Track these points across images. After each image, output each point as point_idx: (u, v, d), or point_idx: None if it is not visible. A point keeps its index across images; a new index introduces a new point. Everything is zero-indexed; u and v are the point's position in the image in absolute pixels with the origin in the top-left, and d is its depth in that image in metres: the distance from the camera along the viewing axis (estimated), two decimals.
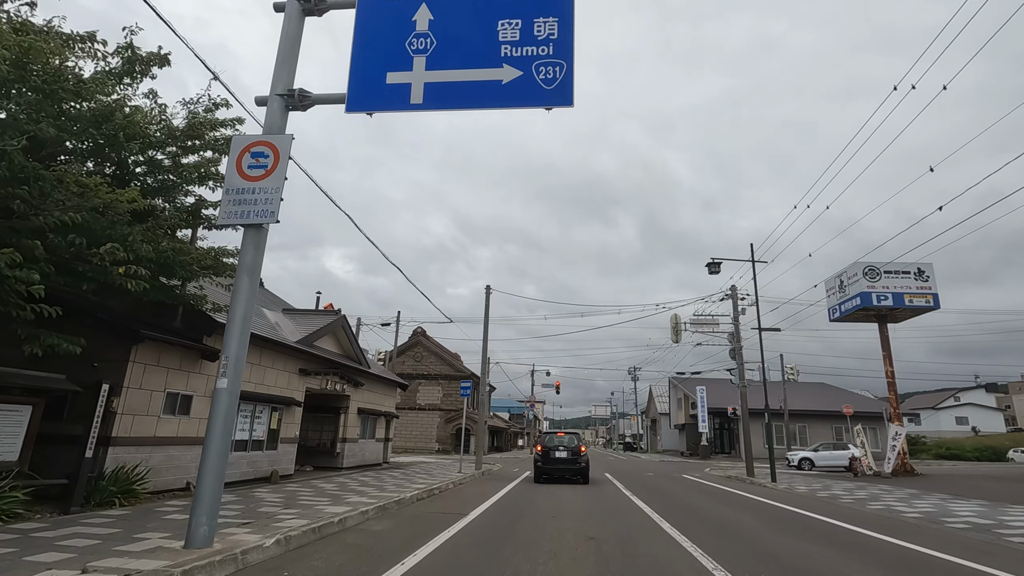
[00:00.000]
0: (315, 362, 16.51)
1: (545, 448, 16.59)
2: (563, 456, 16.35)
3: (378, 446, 22.11)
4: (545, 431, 18.17)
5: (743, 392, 21.05)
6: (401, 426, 47.23)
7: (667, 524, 8.62)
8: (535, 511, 10.00)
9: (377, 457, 22.04)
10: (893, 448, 20.73)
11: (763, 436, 44.35)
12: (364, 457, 20.62)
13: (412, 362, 49.06)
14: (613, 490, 14.66)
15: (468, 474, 18.42)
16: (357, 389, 19.83)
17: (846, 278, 22.00)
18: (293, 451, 15.35)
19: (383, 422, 22.72)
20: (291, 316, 18.68)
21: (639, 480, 18.64)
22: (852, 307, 21.68)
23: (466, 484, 15.67)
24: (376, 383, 21.86)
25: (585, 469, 16.34)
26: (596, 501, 11.86)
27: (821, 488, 16.09)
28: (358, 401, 19.99)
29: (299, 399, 15.47)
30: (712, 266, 19.88)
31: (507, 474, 20.56)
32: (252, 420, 13.54)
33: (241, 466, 12.98)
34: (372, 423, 21.60)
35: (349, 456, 19.24)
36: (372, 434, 21.65)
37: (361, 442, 20.38)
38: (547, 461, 16.41)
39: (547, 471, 16.45)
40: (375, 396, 21.69)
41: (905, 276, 20.98)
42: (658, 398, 72.02)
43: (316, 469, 18.31)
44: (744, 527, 8.78)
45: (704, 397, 43.70)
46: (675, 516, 9.65)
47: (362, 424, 20.60)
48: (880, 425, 44.38)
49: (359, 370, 19.69)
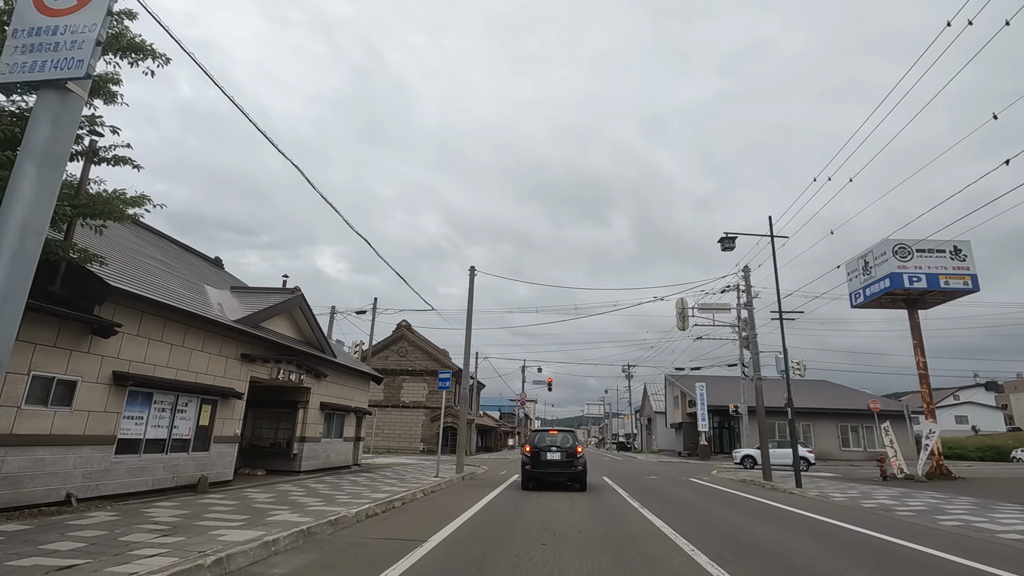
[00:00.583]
0: (263, 347, 13.91)
1: (535, 448, 14.10)
2: (556, 458, 13.88)
3: (346, 446, 19.52)
4: (535, 429, 15.66)
5: (758, 386, 18.67)
6: (384, 425, 44.56)
7: (703, 556, 6.16)
8: (520, 533, 7.50)
9: (345, 459, 19.44)
10: (926, 448, 18.46)
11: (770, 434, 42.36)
12: (329, 459, 18.02)
13: (396, 357, 46.41)
14: (616, 499, 12.20)
15: (446, 478, 15.90)
16: (319, 381, 17.24)
17: (872, 258, 19.69)
18: (232, 452, 12.75)
19: (353, 419, 20.13)
20: (241, 295, 16.06)
21: (643, 485, 16.20)
22: (879, 290, 19.38)
23: (440, 492, 13.14)
24: (344, 375, 19.26)
25: (582, 474, 13.87)
26: (599, 516, 9.38)
27: (859, 495, 13.73)
28: (320, 395, 17.40)
29: (240, 390, 12.87)
30: (725, 241, 17.50)
31: (492, 478, 18.05)
32: (173, 414, 10.93)
33: (154, 472, 10.37)
34: (339, 420, 19.01)
35: (309, 458, 16.65)
36: (339, 433, 19.06)
37: (325, 442, 17.79)
38: (537, 464, 13.92)
39: (537, 476, 13.97)
40: (342, 389, 19.09)
41: (940, 255, 18.73)
42: (653, 396, 69.80)
43: (269, 473, 15.73)
44: (811, 557, 6.33)
45: (704, 394, 41.43)
46: (707, 540, 7.20)
47: (326, 421, 18.00)
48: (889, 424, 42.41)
49: (321, 359, 17.10)
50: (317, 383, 17.11)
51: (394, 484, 13.57)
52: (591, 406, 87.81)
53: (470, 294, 20.48)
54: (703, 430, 40.93)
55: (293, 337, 16.18)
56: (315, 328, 17.04)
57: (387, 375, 45.93)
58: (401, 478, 15.63)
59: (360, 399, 20.80)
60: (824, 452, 40.85)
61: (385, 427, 44.49)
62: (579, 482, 14.01)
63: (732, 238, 17.47)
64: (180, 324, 11.03)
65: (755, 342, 18.93)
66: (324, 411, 17.61)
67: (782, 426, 41.68)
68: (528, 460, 14.01)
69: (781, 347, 17.95)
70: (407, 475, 17.02)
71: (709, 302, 19.81)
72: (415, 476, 16.65)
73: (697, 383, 42.41)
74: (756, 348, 18.86)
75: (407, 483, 13.93)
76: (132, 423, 9.95)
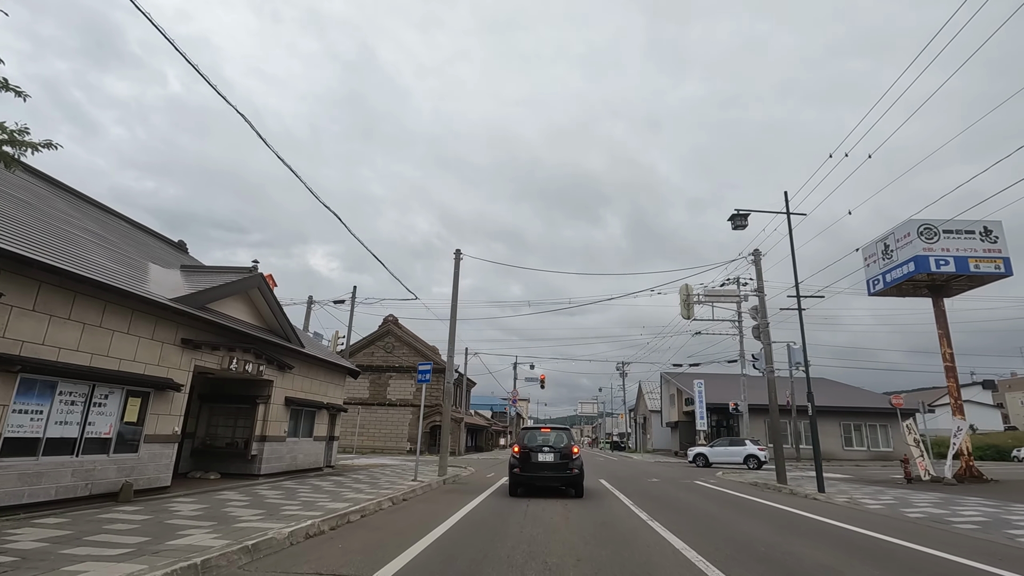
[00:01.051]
0: (211, 331, 12.05)
1: (525, 449, 12.30)
2: (549, 460, 12.10)
3: (317, 447, 17.64)
4: (525, 427, 13.85)
5: (771, 379, 16.99)
6: (369, 424, 42.62)
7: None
8: (501, 561, 5.72)
9: (316, 460, 17.58)
10: (954, 447, 16.86)
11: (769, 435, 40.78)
12: (295, 460, 16.15)
13: (382, 353, 44.46)
14: (619, 508, 10.44)
15: (426, 482, 14.09)
16: (284, 373, 15.38)
17: (894, 240, 18.06)
18: (169, 454, 10.86)
19: (325, 416, 18.26)
20: (190, 274, 14.19)
21: (646, 490, 14.47)
22: (902, 275, 17.75)
23: (413, 500, 11.33)
24: (315, 367, 17.40)
25: (579, 478, 12.09)
26: (602, 533, 7.62)
27: (894, 502, 12.07)
28: (285, 389, 15.54)
29: (180, 381, 11.00)
30: (737, 218, 15.78)
31: (477, 482, 16.25)
32: (87, 409, 9.05)
33: (59, 478, 8.49)
34: (308, 418, 17.14)
35: (271, 459, 14.79)
36: (308, 431, 17.19)
37: (291, 441, 15.92)
38: (527, 466, 12.13)
39: (526, 480, 12.19)
40: (313, 384, 17.23)
41: (969, 236, 17.14)
42: (648, 395, 68.28)
43: (224, 477, 13.87)
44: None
45: (703, 391, 39.83)
46: (747, 570, 5.46)
47: (292, 419, 16.14)
48: (892, 422, 41.04)
49: (287, 348, 15.24)
50: (281, 376, 15.25)
51: (362, 490, 11.75)
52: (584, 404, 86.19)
53: (455, 279, 18.69)
54: (701, 429, 39.31)
55: (252, 323, 14.32)
56: (278, 313, 15.17)
57: (373, 372, 44.01)
58: (374, 483, 13.81)
59: (334, 394, 18.93)
60: (826, 452, 39.34)
61: (370, 426, 42.56)
62: (575, 487, 12.25)
63: (744, 215, 15.76)
64: (97, 299, 9.16)
65: (767, 331, 17.25)
66: (290, 407, 15.75)
67: (783, 426, 40.14)
68: (517, 462, 12.22)
69: (784, 341, 16.44)
70: (382, 479, 15.20)
71: (718, 289, 18.10)
72: (391, 480, 14.83)
73: (695, 380, 40.83)
74: (768, 338, 17.18)
75: (377, 489, 12.11)
76: (26, 418, 8.07)
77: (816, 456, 14.11)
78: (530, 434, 12.86)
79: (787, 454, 38.92)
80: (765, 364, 17.22)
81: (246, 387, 14.83)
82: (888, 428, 40.51)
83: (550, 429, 13.05)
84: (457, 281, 18.70)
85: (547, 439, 12.68)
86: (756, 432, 38.91)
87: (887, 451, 39.71)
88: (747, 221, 15.84)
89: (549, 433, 12.94)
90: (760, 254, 18.07)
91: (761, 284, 17.80)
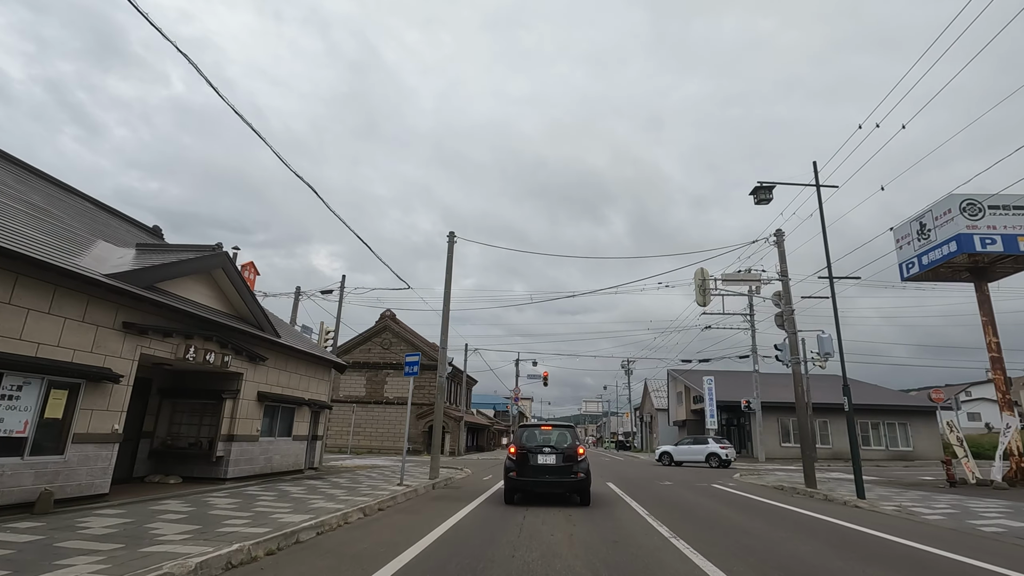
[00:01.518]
0: (162, 315, 10.50)
1: (522, 449, 10.68)
2: (550, 462, 10.48)
3: (296, 447, 16.08)
4: (523, 424, 12.20)
5: (796, 371, 15.32)
6: (365, 423, 41.11)
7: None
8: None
9: (296, 461, 16.02)
10: (1002, 445, 15.15)
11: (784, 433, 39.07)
12: (271, 462, 14.61)
13: (379, 350, 42.92)
14: (633, 520, 8.83)
15: (413, 487, 12.52)
16: (256, 365, 13.84)
17: (932, 219, 16.34)
18: (107, 456, 9.32)
19: (306, 414, 16.70)
20: (147, 253, 12.63)
21: (659, 495, 12.85)
22: (941, 256, 16.04)
23: (390, 510, 9.74)
24: (294, 360, 15.85)
25: (585, 483, 10.46)
26: (615, 557, 6.02)
27: (954, 510, 10.40)
28: (258, 383, 14.00)
29: (120, 371, 9.45)
30: (760, 191, 14.11)
31: (471, 486, 14.67)
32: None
33: None
34: (286, 415, 15.59)
35: (241, 461, 13.24)
36: (286, 430, 15.64)
37: (265, 441, 14.38)
38: (525, 470, 10.51)
39: (524, 486, 10.57)
40: (291, 378, 15.68)
41: (1018, 212, 15.43)
42: (654, 393, 66.56)
43: (186, 482, 12.36)
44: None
45: (713, 388, 38.11)
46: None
47: (267, 416, 14.60)
48: (912, 420, 39.22)
49: (259, 337, 13.69)
50: (253, 368, 13.70)
51: (335, 497, 10.18)
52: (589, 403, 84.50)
53: (448, 263, 17.11)
54: (711, 428, 37.59)
55: (218, 309, 12.77)
56: (248, 299, 13.61)
57: (370, 369, 42.48)
58: (352, 488, 12.23)
59: (317, 390, 17.38)
60: (842, 451, 37.59)
61: (367, 425, 41.05)
62: (580, 494, 10.63)
63: (768, 187, 14.09)
64: (7, 271, 7.62)
65: (792, 319, 15.58)
66: (264, 403, 14.20)
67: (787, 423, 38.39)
68: (513, 465, 10.60)
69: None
70: (364, 483, 13.63)
71: (736, 274, 16.43)
72: (374, 484, 13.26)
73: (705, 376, 39.11)
74: (793, 326, 15.51)
75: (353, 496, 10.53)
76: None
77: (855, 457, 12.45)
78: (529, 432, 11.23)
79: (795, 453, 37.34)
80: (790, 355, 15.55)
81: (213, 381, 13.30)
82: (907, 426, 38.71)
83: (552, 427, 11.45)
84: (451, 265, 17.13)
85: (548, 438, 11.08)
86: (769, 430, 37.26)
87: (906, 450, 37.90)
88: (772, 195, 14.16)
89: (551, 431, 11.33)
90: (783, 235, 16.41)
91: (784, 267, 16.14)
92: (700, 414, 44.99)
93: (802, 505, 11.40)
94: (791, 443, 38.38)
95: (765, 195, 14.17)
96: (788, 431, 38.74)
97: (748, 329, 38.14)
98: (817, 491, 13.46)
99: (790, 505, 11.35)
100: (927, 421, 39.35)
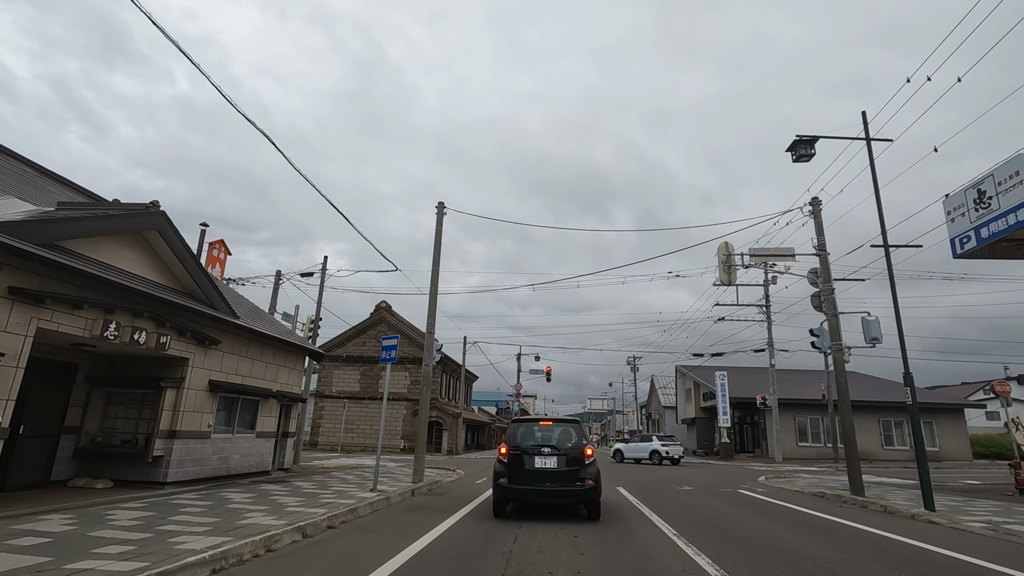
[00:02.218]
0: (72, 282, 8.46)
1: (516, 450, 8.55)
2: (550, 466, 8.34)
3: (261, 445, 14.05)
4: (516, 418, 9.97)
5: (838, 359, 13.16)
6: (359, 419, 39.11)
7: None
8: None
9: (260, 461, 13.99)
10: None
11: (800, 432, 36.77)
12: (228, 463, 12.57)
13: (374, 343, 40.81)
14: (659, 543, 6.72)
15: (387, 494, 10.46)
16: (207, 349, 11.80)
17: (994, 184, 14.13)
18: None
19: (274, 407, 14.66)
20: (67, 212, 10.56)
21: (683, 505, 10.73)
22: (1006, 227, 13.83)
23: (343, 528, 7.64)
24: (257, 345, 13.81)
25: (594, 492, 8.31)
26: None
27: None
28: (210, 369, 11.96)
29: (1, 348, 7.41)
30: (800, 145, 11.92)
31: (458, 492, 12.59)
32: None
33: None
34: (248, 408, 13.55)
35: (185, 462, 11.21)
36: (248, 425, 13.61)
37: (219, 438, 12.35)
38: (519, 475, 8.37)
39: (518, 495, 8.43)
40: (254, 365, 13.64)
41: None
42: (661, 390, 64.43)
43: (118, 485, 10.39)
44: None
45: (725, 384, 35.91)
46: None
47: (224, 409, 12.58)
48: (939, 418, 36.89)
49: (211, 317, 11.65)
50: (203, 352, 11.66)
51: (284, 508, 8.12)
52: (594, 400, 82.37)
53: (437, 236, 15.04)
54: (724, 426, 35.40)
55: (154, 281, 10.71)
56: (196, 271, 11.54)
57: (364, 363, 40.47)
58: (314, 496, 10.17)
59: (288, 380, 15.33)
60: (864, 452, 35.24)
61: (360, 422, 39.06)
62: (589, 506, 8.52)
63: (809, 141, 11.88)
64: None
65: (831, 299, 13.40)
66: (218, 394, 12.17)
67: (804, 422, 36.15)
68: (504, 469, 8.47)
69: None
70: (331, 489, 11.56)
71: (765, 249, 14.26)
72: (343, 490, 11.20)
73: (717, 372, 36.87)
74: (834, 307, 13.34)
75: (307, 508, 8.47)
76: None
77: (920, 459, 10.26)
78: (525, 429, 9.10)
79: (823, 454, 35.08)
80: (829, 341, 13.38)
81: (154, 367, 11.28)
82: (933, 425, 36.39)
83: (553, 422, 9.31)
84: (439, 240, 15.06)
85: (548, 436, 8.97)
86: (785, 429, 35.05)
87: (932, 451, 35.52)
88: (814, 149, 11.99)
89: (551, 428, 9.20)
90: (819, 204, 14.24)
91: (822, 240, 13.98)
92: (710, 412, 42.81)
93: (863, 520, 9.26)
94: (808, 442, 36.17)
95: (806, 149, 11.98)
96: (805, 430, 36.50)
97: (763, 322, 36.00)
98: (868, 499, 11.31)
99: (848, 520, 9.22)
100: (954, 420, 37.02)
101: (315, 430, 39.28)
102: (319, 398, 39.96)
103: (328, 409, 39.45)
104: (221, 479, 12.26)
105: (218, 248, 18.54)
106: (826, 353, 13.79)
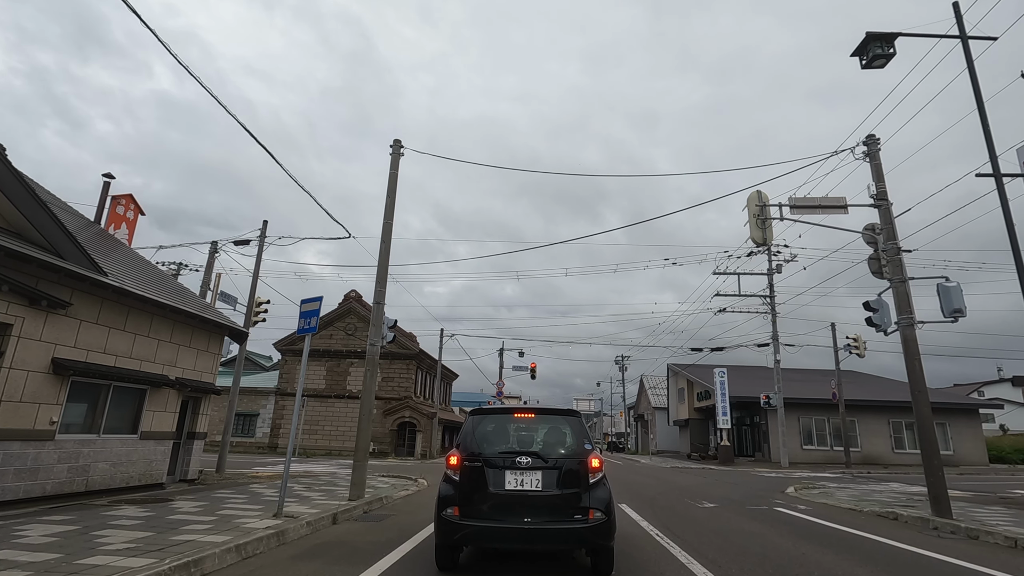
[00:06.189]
0: None
1: (472, 459, 5.12)
2: (530, 488, 4.96)
3: (147, 450, 10.51)
4: (475, 410, 6.45)
5: (907, 337, 10.05)
6: (324, 419, 35.43)
7: None
8: None
9: (147, 471, 10.46)
10: None
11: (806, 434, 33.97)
12: (87, 474, 9.06)
13: (342, 336, 37.27)
14: None
15: (296, 521, 7.08)
16: (46, 313, 8.31)
17: None
18: None
19: (171, 400, 11.13)
20: None
21: (721, 536, 7.50)
22: None
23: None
24: (144, 315, 10.31)
25: (604, 529, 4.94)
26: None
27: None
28: (54, 343, 8.46)
29: None
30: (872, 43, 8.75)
31: (406, 517, 9.21)
32: None
33: None
34: (124, 400, 10.03)
35: (5, 474, 7.70)
36: (127, 424, 10.10)
37: (71, 441, 8.83)
38: (477, 504, 4.93)
39: (475, 536, 4.96)
40: (137, 342, 10.13)
41: None
42: (651, 390, 61.53)
43: None
44: None
45: (725, 382, 32.97)
46: None
47: (81, 400, 9.08)
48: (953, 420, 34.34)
49: (56, 268, 8.15)
50: (38, 317, 8.17)
51: (64, 565, 4.72)
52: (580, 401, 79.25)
53: (392, 180, 11.70)
54: (723, 427, 32.42)
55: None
56: (29, 204, 8.04)
57: (331, 358, 36.77)
58: (173, 528, 6.74)
59: (196, 365, 11.82)
60: (873, 455, 32.65)
61: (326, 422, 35.40)
62: (595, 554, 5.14)
63: (886, 37, 8.75)
64: None
65: (897, 261, 10.33)
66: (68, 378, 8.67)
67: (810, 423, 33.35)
68: (454, 492, 5.06)
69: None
70: (224, 513, 8.11)
71: (808, 199, 11.18)
72: (231, 515, 7.76)
73: (716, 369, 33.91)
74: (902, 271, 10.26)
75: (138, 557, 5.07)
76: None
77: None
78: (492, 425, 5.70)
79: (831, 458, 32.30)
80: (897, 314, 10.27)
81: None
82: (946, 427, 33.75)
83: (535, 415, 5.90)
84: (394, 184, 11.71)
85: (529, 437, 5.63)
86: (791, 430, 32.24)
87: (946, 454, 32.80)
88: (893, 48, 8.88)
89: (534, 424, 5.79)
90: (877, 142, 11.17)
91: (883, 188, 10.90)
92: (705, 412, 39.87)
93: (999, 564, 6.11)
94: (813, 445, 33.31)
95: (883, 49, 8.82)
96: (811, 432, 33.62)
97: (768, 314, 33.19)
98: (969, 526, 8.19)
99: (978, 564, 6.06)
100: (969, 421, 34.44)
101: (275, 432, 35.51)
102: (280, 396, 36.20)
103: (290, 408, 35.74)
104: (75, 496, 8.76)
105: (125, 205, 14.94)
106: (886, 332, 10.66)
